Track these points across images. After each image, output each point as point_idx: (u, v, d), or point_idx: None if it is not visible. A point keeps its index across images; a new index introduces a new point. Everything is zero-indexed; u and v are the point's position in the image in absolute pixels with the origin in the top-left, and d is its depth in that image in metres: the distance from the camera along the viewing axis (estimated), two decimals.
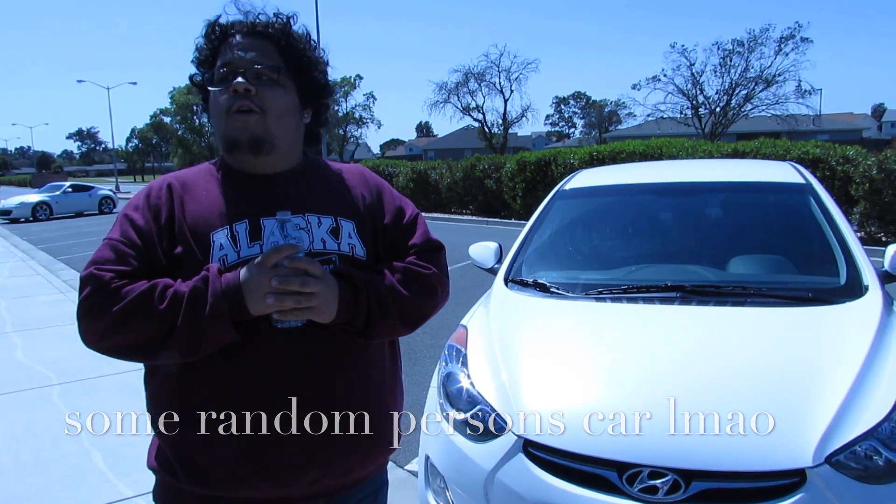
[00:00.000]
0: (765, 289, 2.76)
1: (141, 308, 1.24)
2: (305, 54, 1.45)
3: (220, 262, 1.32)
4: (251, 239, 1.35)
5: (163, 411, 1.39)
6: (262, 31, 1.41)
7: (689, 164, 4.86)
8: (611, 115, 65.44)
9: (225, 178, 1.44)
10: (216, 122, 1.39)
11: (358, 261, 1.42)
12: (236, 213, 1.37)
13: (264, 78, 1.37)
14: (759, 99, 32.61)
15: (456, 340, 2.76)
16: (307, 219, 1.40)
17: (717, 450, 1.89)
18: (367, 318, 1.36)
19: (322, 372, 1.36)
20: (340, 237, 1.42)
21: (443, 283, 1.55)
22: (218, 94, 1.37)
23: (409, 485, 3.40)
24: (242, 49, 1.38)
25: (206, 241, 1.34)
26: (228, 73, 1.37)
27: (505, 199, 17.52)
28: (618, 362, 2.33)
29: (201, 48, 1.43)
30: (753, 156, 12.66)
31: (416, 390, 4.81)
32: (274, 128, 1.38)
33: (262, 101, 1.36)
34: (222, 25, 1.41)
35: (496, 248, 3.62)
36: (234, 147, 1.36)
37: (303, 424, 1.33)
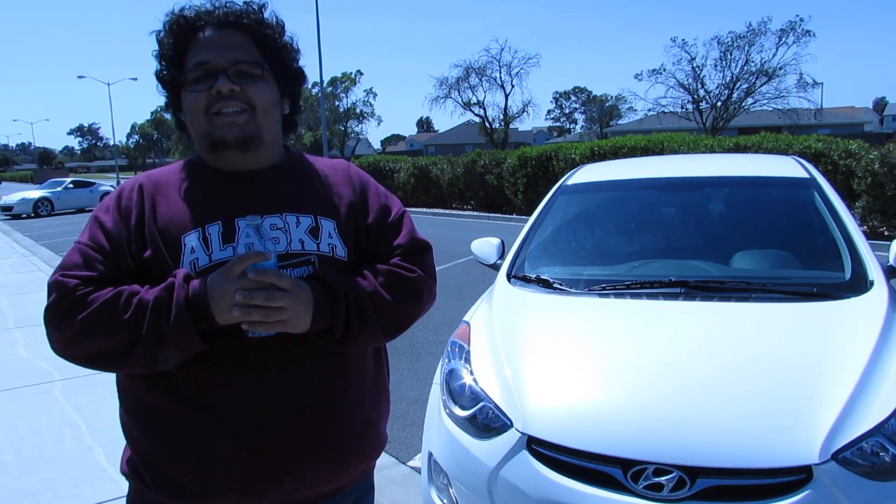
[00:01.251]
0: (769, 284, 2.74)
1: (105, 317, 1.19)
2: (280, 42, 1.39)
3: (191, 266, 1.26)
4: (224, 241, 1.29)
5: (133, 418, 1.35)
6: (235, 23, 1.33)
7: (693, 158, 4.84)
8: (611, 110, 65.32)
9: (200, 177, 1.37)
10: (194, 121, 1.33)
11: (338, 262, 1.36)
12: (209, 214, 1.31)
13: (247, 74, 1.32)
14: (761, 93, 32.51)
15: (459, 337, 2.75)
16: (285, 218, 1.34)
17: (723, 446, 1.88)
18: (346, 327, 1.29)
19: (298, 380, 1.31)
20: (320, 237, 1.35)
21: (429, 286, 1.48)
22: (195, 96, 1.30)
23: (413, 481, 3.40)
24: (218, 45, 1.31)
25: (177, 244, 1.28)
26: (207, 74, 1.30)
27: (506, 195, 17.50)
28: (622, 359, 2.32)
29: (166, 43, 1.35)
30: (755, 150, 12.63)
31: (419, 386, 4.81)
32: (262, 123, 1.34)
33: (248, 97, 1.31)
34: (188, 18, 1.32)
35: (498, 243, 3.61)
36: (222, 146, 1.31)
37: (277, 434, 1.28)
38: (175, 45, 1.34)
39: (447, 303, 7.43)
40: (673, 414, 2.00)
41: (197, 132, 1.33)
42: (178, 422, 1.28)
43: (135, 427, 1.35)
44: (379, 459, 3.76)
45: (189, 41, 1.33)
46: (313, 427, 1.31)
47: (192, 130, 1.35)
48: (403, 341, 5.96)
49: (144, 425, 1.33)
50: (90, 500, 3.13)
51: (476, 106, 45.74)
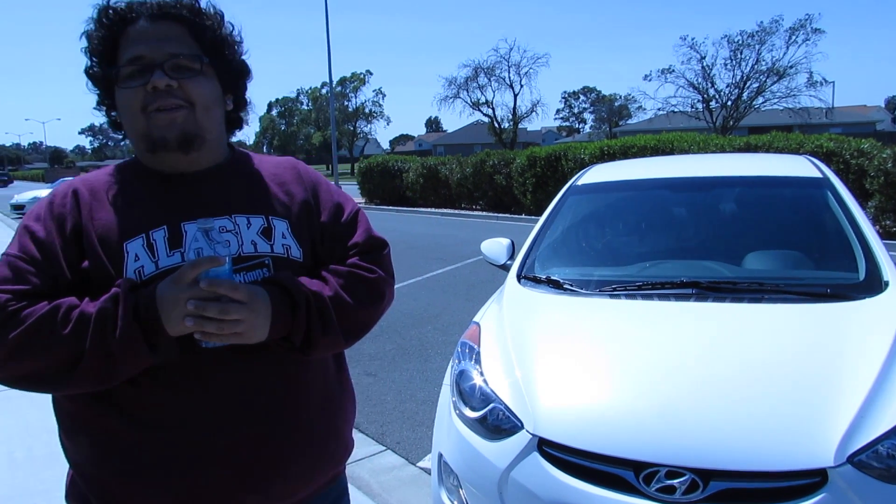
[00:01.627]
0: (782, 285, 2.72)
1: (42, 334, 1.09)
2: (220, 34, 1.30)
3: (136, 274, 1.18)
4: (171, 247, 1.21)
5: (75, 441, 1.25)
6: (170, 14, 1.24)
7: (704, 158, 4.81)
8: (621, 110, 65.13)
9: (140, 181, 1.28)
10: (130, 120, 1.24)
11: (293, 263, 1.29)
12: (153, 219, 1.22)
13: (185, 69, 1.23)
14: (771, 92, 32.35)
15: (469, 338, 2.74)
16: (235, 220, 1.26)
17: (737, 449, 1.86)
18: (307, 335, 1.23)
19: (255, 391, 1.23)
20: (273, 238, 1.28)
21: (390, 287, 1.42)
22: (129, 93, 1.21)
23: (421, 482, 3.39)
24: (153, 38, 1.21)
25: (119, 251, 1.19)
26: (142, 69, 1.20)
27: (515, 195, 17.47)
28: (633, 360, 2.30)
29: (95, 37, 1.25)
30: (766, 149, 12.55)
31: (428, 387, 4.80)
32: (203, 121, 1.25)
33: (187, 93, 1.22)
34: (118, 9, 1.23)
35: (508, 244, 3.60)
36: (161, 146, 1.22)
37: (235, 449, 1.21)
38: (105, 39, 1.24)
39: (456, 303, 7.43)
40: (685, 415, 1.99)
41: (134, 132, 1.24)
42: (128, 442, 1.19)
43: (78, 451, 1.25)
44: (388, 460, 3.76)
45: (120, 34, 1.23)
46: (273, 439, 1.25)
47: (128, 130, 1.26)
48: (412, 342, 5.96)
49: (89, 448, 1.23)
50: None
51: (485, 106, 45.77)
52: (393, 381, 5.00)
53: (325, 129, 65.66)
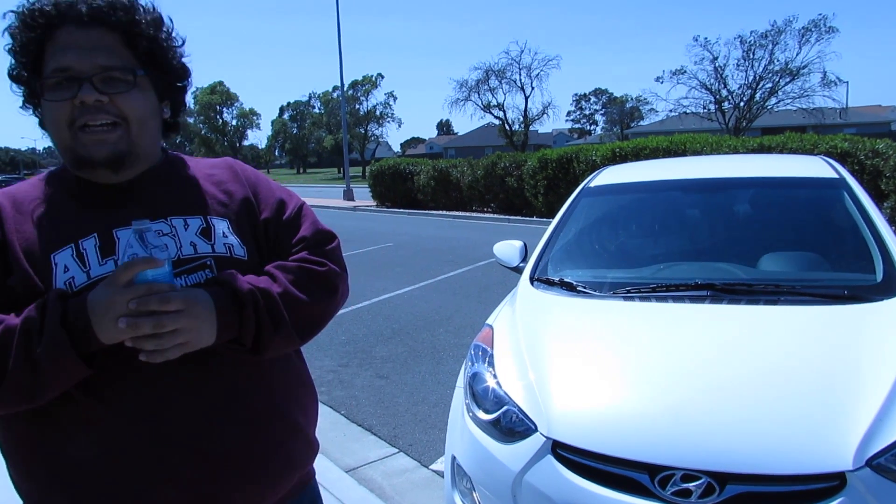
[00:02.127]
0: (798, 286, 2.69)
1: None
2: (158, 40, 1.20)
3: (67, 286, 1.10)
4: (103, 255, 1.14)
5: (21, 471, 1.18)
6: (101, 20, 1.13)
7: (718, 159, 4.79)
8: (632, 111, 64.92)
9: (67, 189, 1.21)
10: (56, 133, 1.15)
11: (237, 261, 1.23)
12: (82, 228, 1.15)
13: (117, 81, 1.14)
14: (784, 92, 32.16)
15: (482, 340, 2.74)
16: (171, 222, 1.20)
17: (753, 452, 1.84)
18: (257, 335, 1.17)
19: (206, 398, 1.16)
20: (214, 238, 1.22)
21: (342, 280, 1.35)
22: (54, 106, 1.12)
23: (434, 485, 3.39)
24: (82, 48, 1.12)
25: (46, 263, 1.11)
26: (68, 80, 1.11)
27: (526, 197, 17.44)
28: (648, 362, 2.29)
29: (19, 38, 1.14)
30: (780, 150, 12.47)
31: (440, 389, 4.80)
32: (137, 137, 1.17)
33: (120, 109, 1.14)
34: (45, 12, 1.12)
35: (521, 246, 3.59)
36: (87, 165, 1.15)
37: (190, 463, 1.14)
38: (29, 44, 1.14)
39: (468, 305, 7.42)
40: (701, 418, 1.97)
41: (60, 145, 1.16)
42: (69, 462, 1.12)
43: (25, 482, 1.18)
44: (401, 462, 3.76)
45: (46, 39, 1.13)
46: (231, 449, 1.18)
47: (54, 141, 1.18)
48: (424, 344, 5.96)
49: (35, 476, 1.16)
50: None
51: (496, 108, 45.78)
52: (405, 384, 5.00)
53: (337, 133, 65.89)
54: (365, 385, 5.00)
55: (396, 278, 9.14)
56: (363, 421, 4.30)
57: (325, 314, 1.32)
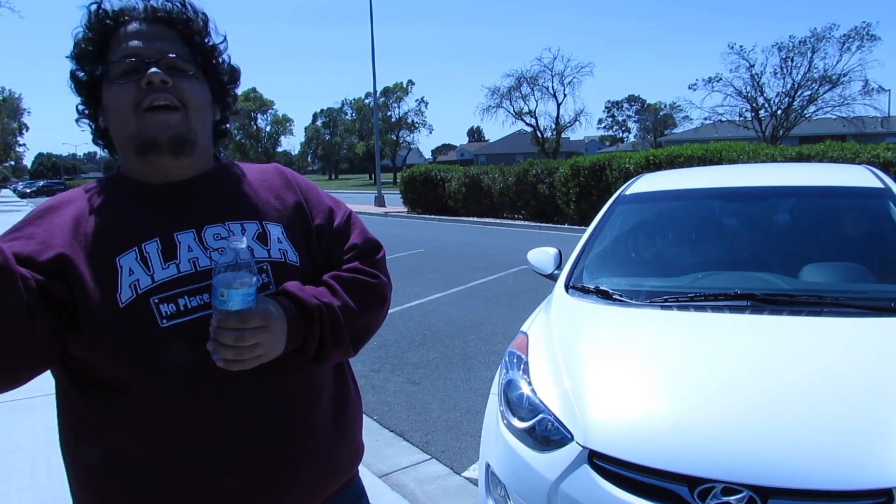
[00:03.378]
0: (842, 298, 2.63)
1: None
2: (210, 42, 1.28)
3: (132, 289, 1.12)
4: (165, 259, 1.16)
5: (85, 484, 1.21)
6: (162, 18, 1.21)
7: (757, 168, 4.70)
8: (666, 119, 64.23)
9: (125, 193, 1.23)
10: (120, 121, 1.19)
11: (291, 267, 1.26)
12: (144, 232, 1.18)
13: (179, 69, 1.20)
14: (824, 100, 31.53)
15: (517, 347, 2.73)
16: (228, 227, 1.23)
17: (797, 466, 1.80)
18: (319, 347, 1.22)
19: (267, 399, 1.20)
20: (269, 243, 1.25)
21: (390, 292, 1.40)
22: (121, 90, 1.17)
23: (467, 492, 3.37)
24: (146, 37, 1.19)
25: (111, 266, 1.14)
26: (135, 65, 1.17)
27: (558, 204, 17.36)
28: (686, 372, 2.25)
29: (84, 40, 1.21)
30: (819, 159, 12.22)
31: (472, 396, 4.79)
32: (195, 124, 1.21)
33: (181, 94, 1.19)
34: (110, 12, 1.20)
35: (556, 253, 3.57)
36: (151, 148, 1.17)
37: (248, 458, 1.17)
38: (95, 41, 1.20)
39: (500, 312, 7.40)
40: (743, 430, 1.93)
41: (123, 134, 1.20)
42: (136, 457, 1.16)
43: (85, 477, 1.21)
44: (433, 469, 3.75)
45: (111, 35, 1.20)
46: (287, 447, 1.21)
47: (117, 133, 1.22)
48: (456, 351, 5.95)
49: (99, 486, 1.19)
50: None
51: (527, 115, 45.73)
52: (437, 390, 5.00)
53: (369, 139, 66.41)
54: (397, 391, 5.01)
55: (427, 284, 9.15)
56: (395, 427, 4.31)
57: (376, 324, 1.36)
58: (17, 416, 4.41)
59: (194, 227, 1.21)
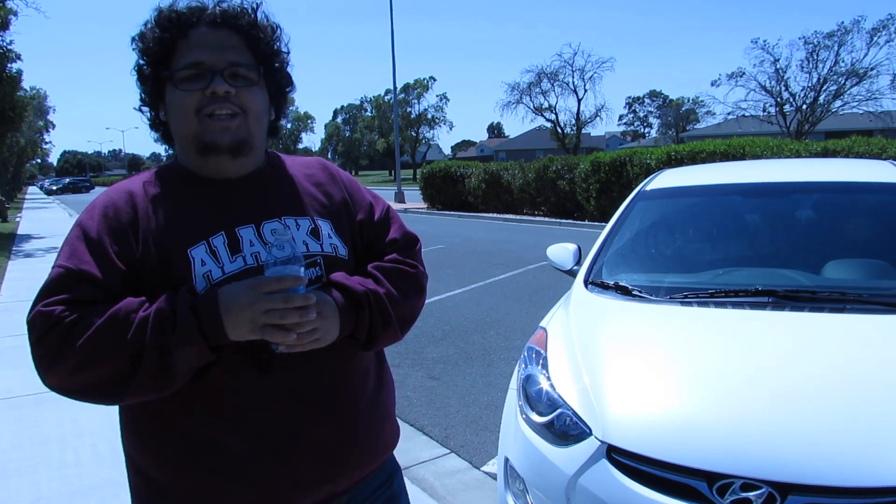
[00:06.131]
0: (866, 294, 2.60)
1: (105, 340, 1.10)
2: (273, 47, 1.34)
3: (205, 279, 1.20)
4: (231, 252, 1.24)
5: (145, 438, 1.29)
6: (229, 23, 1.27)
7: (780, 163, 4.65)
8: (688, 114, 63.57)
9: (189, 187, 1.30)
10: (182, 121, 1.26)
11: (341, 261, 1.34)
12: (210, 226, 1.25)
13: (242, 78, 1.26)
14: (850, 95, 31.00)
15: (535, 342, 2.73)
16: (284, 222, 1.31)
17: (818, 463, 1.79)
18: (370, 331, 1.31)
19: (320, 383, 1.29)
20: (321, 238, 1.33)
21: (427, 281, 1.51)
22: (185, 94, 1.24)
23: (486, 486, 3.39)
24: (214, 45, 1.24)
25: (184, 257, 1.21)
26: (201, 74, 1.23)
27: (578, 200, 17.28)
28: (706, 368, 2.25)
29: (152, 37, 1.26)
30: (845, 155, 12.03)
31: (491, 391, 4.80)
32: (254, 129, 1.29)
33: (242, 101, 1.26)
34: (181, 13, 1.25)
35: (575, 249, 3.57)
36: (213, 150, 1.25)
37: (307, 440, 1.27)
38: (163, 41, 1.26)
39: (519, 308, 7.40)
40: (763, 426, 1.92)
41: (184, 134, 1.27)
42: (201, 440, 1.24)
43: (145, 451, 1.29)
44: (453, 463, 3.77)
45: (180, 38, 1.25)
46: (341, 430, 1.31)
47: (177, 131, 1.29)
48: (475, 347, 5.97)
49: (160, 448, 1.27)
50: None
51: (548, 111, 45.52)
52: (456, 385, 5.02)
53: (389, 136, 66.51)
54: (416, 385, 5.04)
55: (447, 280, 9.18)
56: (415, 421, 4.34)
57: (417, 310, 1.45)
58: (44, 408, 4.51)
59: (253, 223, 1.28)
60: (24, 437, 4.03)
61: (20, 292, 9.15)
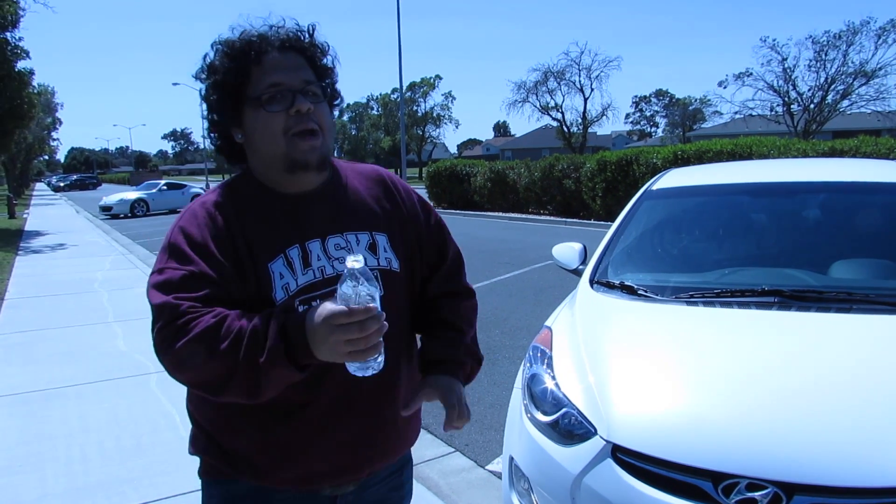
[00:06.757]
0: (872, 294, 2.59)
1: (203, 346, 1.16)
2: (329, 66, 1.43)
3: (284, 290, 1.30)
4: (303, 265, 1.34)
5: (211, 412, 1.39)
6: (294, 45, 1.37)
7: (787, 163, 4.64)
8: (695, 114, 63.35)
9: (265, 200, 1.38)
10: (269, 142, 1.33)
11: (394, 274, 1.44)
12: (286, 239, 1.34)
13: (314, 95, 1.35)
14: (858, 94, 30.85)
15: (541, 342, 2.73)
16: (346, 237, 1.40)
17: (824, 463, 1.79)
18: (469, 377, 1.56)
19: (376, 386, 1.38)
20: (378, 252, 1.43)
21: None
22: (271, 116, 1.32)
23: (491, 485, 3.40)
24: (287, 68, 1.33)
25: (265, 271, 1.31)
26: (281, 94, 1.31)
27: (584, 200, 17.26)
28: (712, 367, 2.24)
29: (225, 68, 1.34)
30: (853, 155, 11.98)
31: (496, 391, 4.80)
32: (329, 143, 1.38)
33: (318, 118, 1.35)
34: (252, 42, 1.34)
35: (581, 248, 3.56)
36: (302, 167, 1.34)
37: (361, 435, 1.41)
38: (239, 70, 1.33)
39: (524, 307, 7.39)
40: (769, 426, 1.92)
41: (272, 152, 1.34)
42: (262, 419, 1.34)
43: (213, 421, 1.40)
44: (457, 462, 3.77)
45: (254, 64, 1.33)
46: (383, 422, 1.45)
47: (264, 149, 1.35)
48: (480, 345, 5.94)
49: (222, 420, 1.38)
50: (183, 488, 3.27)
51: (554, 110, 45.46)
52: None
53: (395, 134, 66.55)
54: None
55: None
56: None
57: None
58: (51, 404, 4.54)
59: (320, 237, 1.38)
60: (31, 434, 4.06)
61: (27, 289, 9.20)
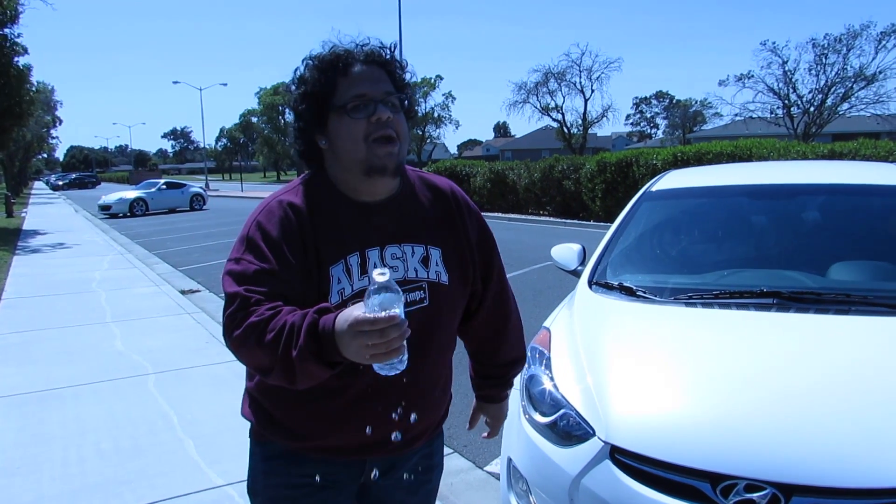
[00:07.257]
0: (870, 296, 2.59)
1: (255, 335, 1.25)
2: (405, 80, 1.53)
3: (339, 294, 1.40)
4: (361, 272, 1.43)
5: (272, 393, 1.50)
6: (376, 58, 1.48)
7: (786, 165, 4.64)
8: (695, 115, 63.38)
9: (335, 205, 1.48)
10: (351, 146, 1.42)
11: (442, 286, 1.52)
12: (348, 245, 1.44)
13: (394, 105, 1.45)
14: (858, 97, 30.90)
15: (539, 342, 2.73)
16: (402, 248, 1.49)
17: (822, 464, 1.79)
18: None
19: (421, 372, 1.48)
20: (429, 265, 1.51)
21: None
22: (354, 123, 1.42)
23: (489, 486, 3.39)
24: (371, 80, 1.44)
25: (325, 274, 1.40)
26: (365, 104, 1.42)
27: (583, 200, 17.26)
28: (710, 369, 2.24)
29: (315, 80, 1.45)
30: (852, 157, 11.99)
31: None
32: (405, 152, 1.48)
33: (397, 127, 1.44)
34: (340, 55, 1.46)
35: (580, 249, 3.55)
36: (379, 172, 1.43)
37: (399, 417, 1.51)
38: (328, 81, 1.45)
39: (523, 308, 7.33)
40: (767, 427, 1.92)
41: (353, 157, 1.43)
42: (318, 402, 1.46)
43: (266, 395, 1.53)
44: (456, 463, 3.76)
45: (341, 76, 1.44)
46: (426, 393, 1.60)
47: (346, 154, 1.44)
48: None
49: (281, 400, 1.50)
50: (181, 490, 3.28)
51: (554, 111, 45.47)
52: (458, 385, 4.96)
53: None
54: None
55: None
56: None
57: None
58: (47, 406, 4.52)
59: (379, 246, 1.46)
60: (28, 435, 4.05)
61: (25, 289, 9.17)
